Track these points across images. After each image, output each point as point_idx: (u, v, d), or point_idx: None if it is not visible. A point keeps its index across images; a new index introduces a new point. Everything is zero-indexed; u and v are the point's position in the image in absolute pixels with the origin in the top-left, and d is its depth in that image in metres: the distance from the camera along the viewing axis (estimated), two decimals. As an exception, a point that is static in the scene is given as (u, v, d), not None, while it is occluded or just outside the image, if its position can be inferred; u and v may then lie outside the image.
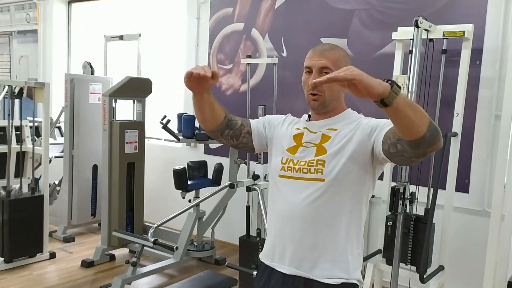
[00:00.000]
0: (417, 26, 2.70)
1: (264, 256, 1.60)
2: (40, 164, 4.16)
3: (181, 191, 3.75)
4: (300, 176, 1.49)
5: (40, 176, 4.10)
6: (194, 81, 1.42)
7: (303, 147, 1.53)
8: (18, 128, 4.06)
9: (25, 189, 4.04)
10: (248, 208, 3.63)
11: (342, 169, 1.44)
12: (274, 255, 1.55)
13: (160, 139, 5.01)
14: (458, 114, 2.89)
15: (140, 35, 4.82)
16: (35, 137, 4.12)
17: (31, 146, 4.02)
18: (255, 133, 1.66)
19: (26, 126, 4.17)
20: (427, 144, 1.23)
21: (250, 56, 4.04)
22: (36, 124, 4.15)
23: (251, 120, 1.69)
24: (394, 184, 2.83)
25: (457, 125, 2.90)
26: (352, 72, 1.14)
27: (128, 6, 5.45)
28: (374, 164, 1.48)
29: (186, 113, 4.11)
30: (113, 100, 3.96)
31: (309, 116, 1.61)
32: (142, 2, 5.33)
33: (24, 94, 3.86)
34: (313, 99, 1.51)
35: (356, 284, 1.50)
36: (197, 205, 3.72)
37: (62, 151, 4.70)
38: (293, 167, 1.51)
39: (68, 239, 4.47)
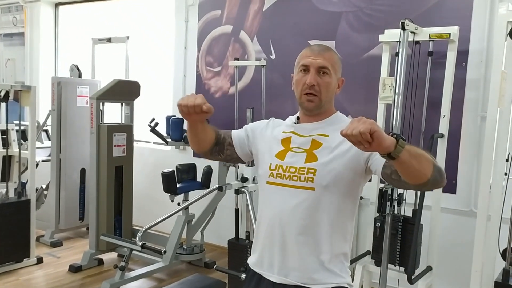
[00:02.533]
0: (403, 28, 2.71)
1: (252, 263, 1.58)
2: (26, 168, 4.12)
3: (170, 194, 3.73)
4: (290, 184, 1.46)
5: (27, 181, 4.06)
6: (185, 111, 1.41)
7: (292, 152, 1.50)
8: (4, 132, 4.00)
9: (11, 194, 3.98)
10: (237, 210, 3.62)
11: (333, 179, 1.42)
12: (262, 263, 1.53)
13: (149, 142, 4.98)
14: (444, 115, 2.92)
15: (128, 37, 4.79)
16: (22, 140, 4.07)
17: (18, 150, 3.98)
18: (237, 143, 1.64)
19: (13, 129, 4.11)
20: (431, 186, 1.31)
21: (238, 59, 4.04)
22: (22, 127, 4.11)
23: (233, 131, 1.67)
24: (382, 185, 2.85)
25: (443, 126, 2.92)
26: (371, 124, 1.13)
27: (116, 8, 5.42)
28: (365, 175, 1.47)
29: (175, 116, 4.09)
30: (101, 103, 3.93)
31: (297, 118, 1.58)
32: (130, 4, 5.31)
33: (11, 98, 3.81)
34: (309, 100, 1.48)
35: (346, 287, 1.50)
36: (186, 208, 3.70)
37: (49, 155, 4.66)
38: (282, 174, 1.48)
39: (56, 244, 4.42)
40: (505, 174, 2.57)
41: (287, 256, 1.47)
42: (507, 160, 2.56)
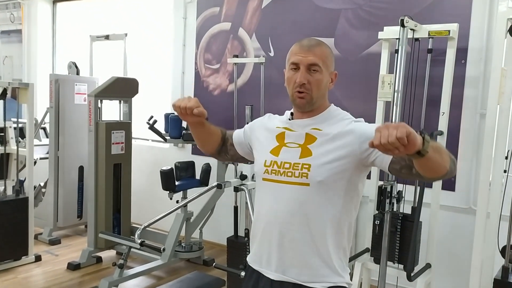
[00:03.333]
0: (403, 25, 2.70)
1: (251, 260, 1.58)
2: (24, 166, 4.10)
3: (168, 192, 3.72)
4: (284, 180, 1.45)
5: (25, 178, 4.04)
6: (178, 112, 1.47)
7: (286, 147, 1.48)
8: (2, 130, 4.00)
9: (9, 192, 3.98)
10: (236, 208, 3.61)
11: (328, 174, 1.40)
12: (261, 260, 1.52)
13: (147, 140, 4.97)
14: (444, 113, 2.91)
15: (126, 34, 4.77)
16: (20, 138, 4.06)
17: (15, 147, 3.96)
18: (237, 143, 1.67)
19: (10, 127, 4.11)
20: (446, 177, 1.30)
21: (237, 56, 4.03)
22: (20, 125, 4.10)
23: (234, 131, 1.70)
24: (381, 183, 2.84)
25: (443, 124, 2.91)
26: (405, 127, 1.09)
27: (114, 5, 5.40)
28: (364, 168, 1.45)
29: (173, 114, 4.08)
30: (99, 101, 3.92)
31: (291, 114, 1.55)
32: (128, 1, 5.28)
33: (8, 95, 3.80)
34: (300, 97, 1.46)
35: (345, 287, 1.48)
36: (185, 205, 3.70)
37: (47, 153, 4.64)
38: (277, 170, 1.46)
39: (54, 242, 4.41)
40: (505, 171, 2.57)
41: (284, 253, 1.46)
42: (506, 158, 2.56)
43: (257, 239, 1.55)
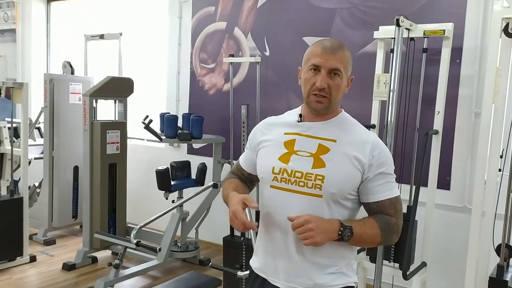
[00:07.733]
0: (398, 25, 2.71)
1: (256, 267, 1.56)
2: (19, 166, 4.08)
3: (164, 191, 3.72)
4: (296, 189, 1.41)
5: (19, 178, 4.02)
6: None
7: (297, 155, 1.44)
8: (-4, 130, 3.97)
9: (4, 192, 3.95)
10: (232, 208, 3.61)
11: (341, 187, 1.39)
12: (265, 268, 1.51)
13: (143, 139, 4.96)
14: (439, 112, 2.92)
15: (121, 34, 4.76)
16: (14, 138, 4.04)
17: (10, 147, 3.94)
18: (248, 167, 1.63)
19: (5, 127, 4.08)
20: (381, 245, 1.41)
21: (232, 55, 4.03)
22: (14, 125, 4.07)
23: (239, 160, 1.68)
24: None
25: (438, 123, 2.93)
26: (312, 242, 1.32)
27: (109, 4, 5.38)
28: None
29: (169, 113, 4.08)
30: (94, 100, 3.90)
31: (300, 115, 1.50)
32: (123, 0, 5.27)
33: (2, 95, 3.78)
34: (317, 101, 1.41)
35: (353, 286, 1.50)
36: (181, 205, 3.69)
37: (42, 153, 4.62)
38: (288, 179, 1.42)
39: (49, 242, 4.39)
40: (499, 170, 2.59)
41: (291, 262, 1.44)
42: (501, 156, 2.57)
43: (262, 246, 1.53)
